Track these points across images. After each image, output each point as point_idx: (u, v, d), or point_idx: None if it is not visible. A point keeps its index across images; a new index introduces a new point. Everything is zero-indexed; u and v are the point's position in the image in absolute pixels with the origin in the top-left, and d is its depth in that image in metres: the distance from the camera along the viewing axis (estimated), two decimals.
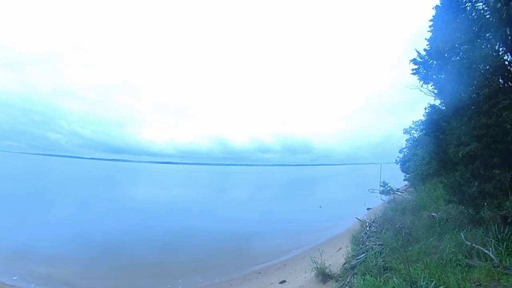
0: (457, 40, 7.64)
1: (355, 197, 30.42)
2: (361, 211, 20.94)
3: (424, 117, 17.48)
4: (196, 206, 30.17)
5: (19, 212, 22.04)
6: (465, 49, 7.43)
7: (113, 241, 15.72)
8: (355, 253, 8.78)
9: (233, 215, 24.26)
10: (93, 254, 13.52)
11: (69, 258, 12.87)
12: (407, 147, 29.99)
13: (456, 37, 7.66)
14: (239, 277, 11.09)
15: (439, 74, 8.83)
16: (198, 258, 13.36)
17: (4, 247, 13.67)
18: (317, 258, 8.60)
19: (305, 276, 8.77)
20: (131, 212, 24.59)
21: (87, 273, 11.34)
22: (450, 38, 7.75)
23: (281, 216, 23.43)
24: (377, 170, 37.31)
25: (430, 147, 13.49)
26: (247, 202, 34.41)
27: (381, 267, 6.78)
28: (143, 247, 14.84)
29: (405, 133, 29.69)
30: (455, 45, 7.75)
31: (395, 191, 26.66)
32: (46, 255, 13.12)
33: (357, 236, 10.49)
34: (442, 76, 8.66)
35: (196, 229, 19.05)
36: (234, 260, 13.12)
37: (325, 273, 8.09)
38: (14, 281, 10.42)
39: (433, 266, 5.79)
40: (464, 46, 7.45)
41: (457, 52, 7.83)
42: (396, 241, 8.23)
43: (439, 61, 8.58)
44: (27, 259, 12.55)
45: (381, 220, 12.18)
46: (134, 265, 12.39)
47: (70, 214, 22.72)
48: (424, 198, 13.42)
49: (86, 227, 18.56)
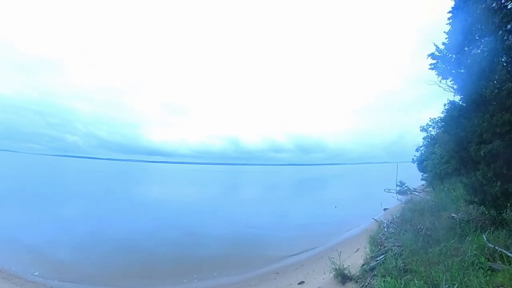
0: (478, 32, 7.32)
1: (370, 197, 29.95)
2: (377, 211, 20.61)
3: (442, 114, 17.03)
4: (209, 205, 30.52)
5: (40, 210, 23.14)
6: (486, 41, 7.10)
7: (129, 238, 16.20)
8: (373, 254, 8.65)
9: (246, 214, 24.36)
10: (110, 251, 13.94)
11: (87, 255, 13.30)
12: (424, 145, 29.10)
13: (476, 29, 7.34)
14: (257, 277, 11.12)
15: (458, 68, 8.48)
16: (212, 257, 13.50)
17: (25, 244, 14.30)
18: (335, 258, 8.51)
19: (324, 277, 8.71)
20: (146, 211, 25.32)
21: (104, 269, 11.71)
22: (470, 30, 7.43)
23: (295, 216, 23.37)
24: (392, 169, 36.66)
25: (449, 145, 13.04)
26: (260, 201, 34.49)
27: (401, 269, 6.65)
28: (158, 245, 15.15)
29: (422, 131, 28.93)
30: (475, 37, 7.43)
31: (412, 191, 26.07)
32: (66, 251, 13.62)
33: (375, 237, 10.30)
34: (462, 70, 8.32)
35: (209, 227, 19.29)
36: (249, 260, 13.16)
37: (344, 274, 8.00)
38: (35, 277, 10.82)
39: (455, 269, 5.61)
40: (485, 38, 7.12)
41: (477, 45, 7.49)
42: (415, 243, 8.02)
43: (458, 55, 8.24)
44: (48, 255, 13.01)
45: (399, 221, 11.90)
46: (150, 262, 12.69)
47: (88, 212, 23.64)
48: (443, 198, 13.03)
49: (103, 224, 19.24)
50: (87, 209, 24.90)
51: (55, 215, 21.52)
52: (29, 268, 11.52)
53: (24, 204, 25.37)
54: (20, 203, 25.77)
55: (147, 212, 24.77)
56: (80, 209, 24.74)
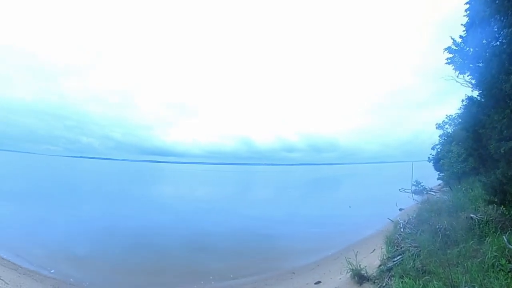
0: (497, 23, 7.04)
1: (385, 197, 29.49)
2: (392, 211, 20.29)
3: (460, 110, 16.46)
4: (222, 205, 30.90)
5: (57, 208, 24.24)
6: (505, 33, 6.80)
7: (144, 238, 16.60)
8: (390, 255, 8.55)
9: (260, 214, 24.44)
10: (126, 250, 14.31)
11: (103, 253, 13.67)
12: (441, 144, 28.15)
13: (495, 21, 7.06)
14: (273, 277, 11.19)
15: (476, 62, 8.16)
16: (226, 257, 13.68)
17: (44, 240, 14.88)
18: (351, 259, 8.48)
19: (340, 277, 8.72)
20: (160, 210, 26.01)
21: (121, 268, 12.00)
22: (489, 22, 7.16)
23: (309, 216, 23.36)
24: (407, 168, 35.89)
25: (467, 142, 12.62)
26: (274, 201, 34.60)
27: (419, 270, 6.57)
28: (172, 244, 15.47)
29: (438, 128, 28.07)
30: (494, 29, 7.15)
31: (428, 190, 25.44)
32: (83, 248, 14.02)
33: (391, 238, 10.18)
34: (480, 64, 8.00)
35: (223, 227, 19.56)
36: (265, 259, 13.26)
37: (361, 275, 7.97)
38: (52, 274, 11.13)
39: (475, 270, 5.53)
40: (504, 30, 6.82)
41: (496, 37, 7.21)
42: (433, 244, 7.87)
43: (476, 48, 7.96)
44: (65, 252, 13.47)
45: (416, 222, 11.66)
46: (164, 262, 12.91)
47: (105, 210, 24.53)
48: (461, 198, 12.65)
49: (119, 223, 19.90)
50: (103, 208, 25.87)
51: (72, 213, 22.41)
52: (48, 264, 11.87)
53: (42, 203, 26.61)
54: (39, 202, 27.02)
55: (161, 211, 25.44)
56: (96, 208, 25.74)
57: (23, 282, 9.80)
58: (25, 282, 9.92)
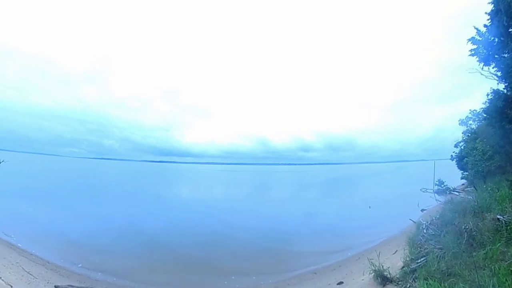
0: None
1: (406, 197, 28.76)
2: (414, 212, 19.92)
3: (485, 105, 15.72)
4: (241, 205, 31.25)
5: (81, 206, 25.47)
6: None
7: (165, 236, 17.00)
8: (413, 257, 8.54)
9: (279, 214, 24.53)
10: (148, 248, 14.70)
11: (126, 251, 14.14)
12: (464, 141, 26.88)
13: None
14: (295, 276, 11.32)
15: (502, 52, 7.63)
16: (248, 256, 13.88)
17: (69, 237, 15.60)
18: (374, 259, 8.54)
19: (363, 278, 8.79)
20: (181, 210, 26.73)
21: (144, 266, 12.37)
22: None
23: (329, 216, 23.27)
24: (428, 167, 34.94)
25: (493, 139, 12.12)
26: (292, 202, 34.52)
27: (444, 272, 6.59)
28: (193, 243, 15.84)
29: (461, 125, 27.13)
30: None
31: (452, 190, 24.74)
32: (105, 246, 14.56)
33: (414, 239, 10.12)
34: (506, 55, 7.55)
35: (243, 227, 19.78)
36: (285, 259, 13.38)
37: (384, 276, 8.00)
38: (79, 268, 11.59)
39: (502, 274, 5.46)
40: None
41: None
42: (458, 245, 7.83)
43: (502, 38, 7.40)
44: (89, 248, 14.03)
45: (439, 223, 11.52)
46: (186, 259, 13.22)
47: (127, 209, 25.51)
48: (487, 198, 12.32)
49: (141, 222, 20.46)
50: (125, 207, 26.89)
51: (96, 211, 23.49)
52: (75, 260, 12.36)
53: (67, 201, 28.02)
54: (65, 201, 28.52)
55: (180, 210, 26.15)
56: (118, 206, 26.78)
57: (50, 277, 10.11)
58: (53, 277, 10.25)
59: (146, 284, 10.61)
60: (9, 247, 13.00)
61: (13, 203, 24.17)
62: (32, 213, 21.46)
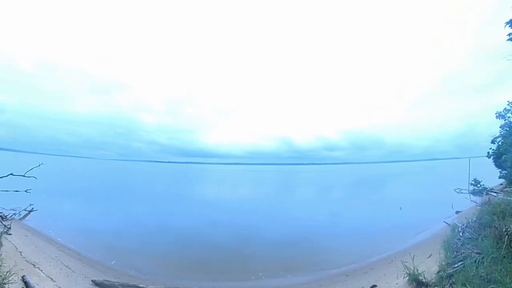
0: None
1: (439, 198, 27.72)
2: (448, 214, 19.32)
3: None
4: (268, 204, 31.44)
5: (113, 205, 27.04)
6: None
7: (194, 234, 17.63)
8: (449, 261, 8.40)
9: (307, 214, 24.51)
10: (178, 246, 15.29)
11: (156, 248, 14.72)
12: (502, 136, 25.42)
13: None
14: (327, 278, 11.39)
15: None
16: (276, 255, 14.02)
17: (102, 235, 16.57)
18: (408, 263, 8.51)
19: (397, 282, 8.73)
20: (208, 208, 27.29)
21: (174, 262, 12.83)
22: None
23: (358, 217, 22.97)
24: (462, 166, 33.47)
25: None
26: (320, 202, 34.24)
27: (483, 278, 6.49)
28: (221, 241, 16.21)
29: (498, 118, 25.30)
30: None
31: (489, 191, 23.54)
32: (137, 244, 15.30)
33: (450, 242, 9.92)
34: None
35: (270, 226, 19.96)
36: (315, 260, 13.40)
37: (419, 280, 7.92)
38: (113, 265, 12.24)
39: None
40: None
41: None
42: (497, 250, 7.63)
43: None
44: (121, 246, 14.76)
45: (476, 225, 11.16)
46: (214, 257, 13.57)
47: (155, 208, 26.67)
48: None
49: (170, 220, 21.40)
50: (155, 206, 28.18)
51: (127, 210, 24.91)
52: (109, 256, 13.10)
53: (100, 200, 30.04)
54: (97, 199, 30.52)
55: (208, 209, 26.77)
56: (149, 205, 28.12)
57: (87, 272, 10.62)
58: (89, 271, 10.74)
59: (178, 280, 10.96)
60: (49, 242, 14.09)
61: (52, 202, 26.46)
62: (68, 211, 23.43)
